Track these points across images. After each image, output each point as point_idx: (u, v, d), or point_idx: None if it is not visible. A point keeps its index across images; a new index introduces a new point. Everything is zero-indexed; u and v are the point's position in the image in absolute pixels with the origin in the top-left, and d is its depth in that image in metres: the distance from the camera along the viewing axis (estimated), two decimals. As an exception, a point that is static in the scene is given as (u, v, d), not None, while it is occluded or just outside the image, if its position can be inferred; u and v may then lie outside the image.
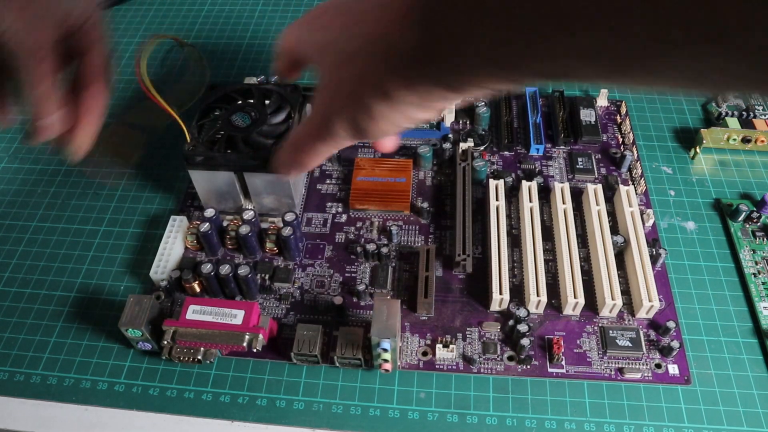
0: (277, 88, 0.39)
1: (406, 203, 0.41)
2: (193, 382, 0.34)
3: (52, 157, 0.47)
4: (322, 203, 0.42)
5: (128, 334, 0.33)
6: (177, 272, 0.37)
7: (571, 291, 0.35)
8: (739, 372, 0.34)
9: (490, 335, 0.35)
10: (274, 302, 0.37)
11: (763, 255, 0.38)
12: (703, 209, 0.41)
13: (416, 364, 0.34)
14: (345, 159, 0.44)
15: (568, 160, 0.44)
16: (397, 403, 0.33)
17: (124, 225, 0.42)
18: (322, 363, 0.34)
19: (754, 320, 0.35)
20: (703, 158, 0.44)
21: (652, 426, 0.32)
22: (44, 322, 0.37)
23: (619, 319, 0.35)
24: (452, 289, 0.37)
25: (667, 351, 0.33)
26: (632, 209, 0.38)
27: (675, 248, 0.39)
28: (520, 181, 0.41)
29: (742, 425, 0.32)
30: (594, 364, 0.34)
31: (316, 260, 0.39)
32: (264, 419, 0.33)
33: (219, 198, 0.39)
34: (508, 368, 0.34)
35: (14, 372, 0.35)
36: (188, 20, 0.59)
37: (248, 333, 0.32)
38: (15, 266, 0.40)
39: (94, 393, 0.34)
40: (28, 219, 0.43)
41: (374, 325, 0.30)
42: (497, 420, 0.32)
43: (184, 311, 0.33)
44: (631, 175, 0.43)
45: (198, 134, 0.37)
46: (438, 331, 0.35)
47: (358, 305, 0.37)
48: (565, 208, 0.39)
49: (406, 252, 0.39)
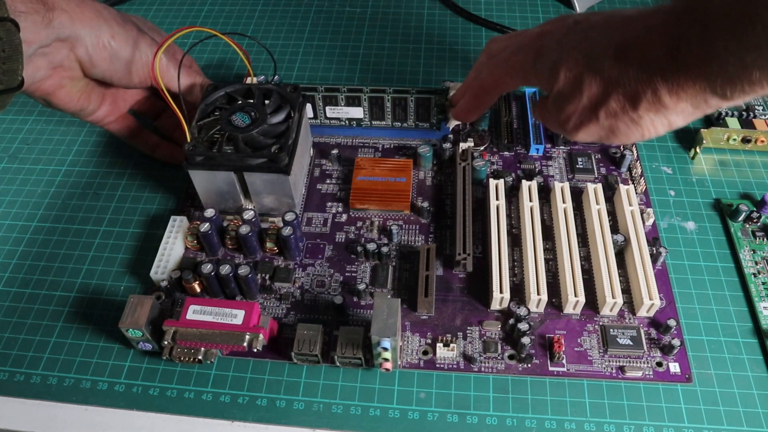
0: (277, 87, 0.39)
1: (406, 203, 0.41)
2: (193, 382, 0.34)
3: (51, 157, 0.47)
4: (323, 203, 0.42)
5: (129, 335, 0.33)
6: (177, 272, 0.37)
7: (572, 290, 0.35)
8: (739, 372, 0.34)
9: (490, 334, 0.35)
10: (275, 302, 0.37)
11: (763, 255, 0.38)
12: (703, 209, 0.41)
13: (417, 363, 0.34)
14: (345, 159, 0.44)
15: (567, 159, 0.44)
16: (397, 403, 0.33)
17: (124, 225, 0.42)
18: (322, 362, 0.34)
19: (754, 320, 0.35)
20: (703, 158, 0.44)
21: (652, 426, 0.32)
22: (44, 322, 0.37)
23: (620, 317, 0.35)
24: (453, 289, 0.37)
25: (668, 349, 0.33)
26: (632, 208, 0.38)
27: (675, 248, 0.39)
28: (520, 181, 0.41)
29: (742, 425, 0.32)
30: (595, 362, 0.34)
31: (317, 260, 0.39)
32: (264, 419, 0.33)
33: (219, 198, 0.39)
34: (508, 367, 0.34)
35: (14, 372, 0.35)
36: (188, 20, 0.59)
37: (249, 333, 0.32)
38: (15, 266, 0.40)
39: (94, 393, 0.34)
40: (29, 219, 0.43)
41: (374, 325, 0.30)
42: (497, 420, 0.32)
43: (185, 311, 0.33)
44: (630, 174, 0.43)
45: (198, 134, 0.37)
46: (438, 330, 0.35)
47: (359, 305, 0.37)
48: (565, 208, 0.39)
49: (407, 251, 0.39)
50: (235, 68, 0.53)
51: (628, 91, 0.27)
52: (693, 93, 0.25)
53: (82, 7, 0.35)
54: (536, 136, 0.44)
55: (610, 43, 0.27)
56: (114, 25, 0.36)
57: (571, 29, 0.29)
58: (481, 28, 0.56)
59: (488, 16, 0.57)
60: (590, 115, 0.29)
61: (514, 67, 0.33)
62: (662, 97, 0.26)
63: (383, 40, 0.55)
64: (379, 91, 0.43)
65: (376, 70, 0.53)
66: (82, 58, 0.36)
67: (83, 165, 0.46)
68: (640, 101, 0.27)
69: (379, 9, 0.59)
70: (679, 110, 0.26)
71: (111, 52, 0.36)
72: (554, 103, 0.31)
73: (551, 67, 0.29)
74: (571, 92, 0.29)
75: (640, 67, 0.26)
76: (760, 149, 0.44)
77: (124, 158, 0.47)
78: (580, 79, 0.28)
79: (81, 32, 0.35)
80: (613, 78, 0.27)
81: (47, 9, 0.33)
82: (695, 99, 0.25)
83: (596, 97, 0.28)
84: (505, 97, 0.47)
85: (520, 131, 0.46)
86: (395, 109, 0.44)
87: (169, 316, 0.36)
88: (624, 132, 0.28)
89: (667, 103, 0.26)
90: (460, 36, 0.56)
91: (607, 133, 0.29)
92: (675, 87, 0.25)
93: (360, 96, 0.43)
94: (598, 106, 0.28)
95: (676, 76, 0.25)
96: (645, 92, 0.26)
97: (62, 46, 0.35)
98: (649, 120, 0.27)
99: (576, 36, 0.28)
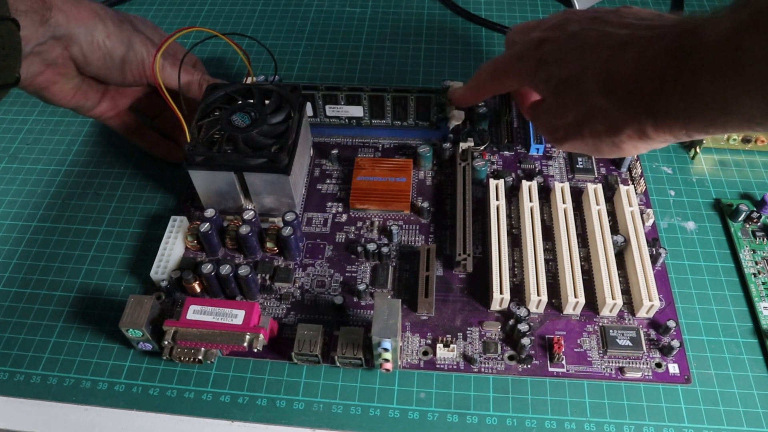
0: (277, 87, 0.39)
1: (406, 203, 0.41)
2: (193, 382, 0.34)
3: (51, 157, 0.47)
4: (322, 203, 0.42)
5: (129, 335, 0.33)
6: (177, 272, 0.37)
7: (572, 290, 0.35)
8: (739, 372, 0.34)
9: (490, 335, 0.35)
10: (275, 302, 0.37)
11: (763, 255, 0.38)
12: (703, 209, 0.41)
13: (417, 363, 0.34)
14: (345, 159, 0.44)
15: (567, 159, 0.44)
16: (397, 403, 0.33)
17: (124, 225, 0.42)
18: (322, 363, 0.34)
19: (754, 320, 0.35)
20: (703, 158, 0.44)
21: (652, 426, 0.32)
22: (44, 322, 0.37)
23: (620, 318, 0.35)
24: (453, 289, 0.37)
25: (668, 350, 0.33)
26: (632, 209, 0.38)
27: (675, 248, 0.39)
28: (520, 181, 0.41)
29: (742, 425, 0.32)
30: (594, 363, 0.34)
31: (317, 260, 0.39)
32: (264, 419, 0.33)
33: (219, 198, 0.39)
34: (508, 368, 0.34)
35: (14, 372, 0.35)
36: (188, 20, 0.59)
37: (249, 333, 0.32)
38: (15, 266, 0.40)
39: (94, 393, 0.34)
40: (29, 219, 0.43)
41: (375, 325, 0.30)
42: (497, 420, 0.32)
43: (185, 311, 0.33)
44: (630, 174, 0.43)
45: (198, 134, 0.37)
46: (439, 330, 0.35)
47: (359, 305, 0.37)
48: (565, 208, 0.39)
49: (407, 251, 0.39)
50: (235, 68, 0.53)
51: (612, 122, 0.28)
52: (677, 129, 0.26)
53: (78, 7, 0.35)
54: (536, 135, 0.44)
55: (601, 70, 0.27)
56: (109, 25, 0.36)
57: (570, 39, 0.30)
58: (481, 28, 0.56)
59: (488, 16, 0.57)
60: (576, 131, 0.30)
61: (517, 74, 0.34)
62: (646, 130, 0.27)
63: (383, 40, 0.55)
64: (379, 90, 0.43)
65: (376, 70, 0.52)
66: (77, 56, 0.36)
67: (83, 165, 0.46)
68: (622, 131, 0.28)
69: (379, 9, 0.59)
70: (661, 141, 0.27)
71: (105, 51, 0.36)
72: (545, 113, 0.32)
73: (546, 81, 0.30)
74: (561, 108, 0.30)
75: (626, 103, 0.26)
76: (760, 149, 0.44)
77: (124, 158, 0.47)
78: (570, 98, 0.29)
79: (76, 31, 0.35)
80: (598, 106, 0.28)
81: (45, 8, 0.33)
82: (678, 134, 0.26)
83: (582, 118, 0.29)
84: (504, 97, 0.47)
85: (520, 131, 0.46)
86: (395, 108, 0.44)
87: (169, 316, 0.36)
88: (607, 152, 0.30)
89: (651, 135, 0.27)
90: (460, 36, 0.56)
91: (591, 149, 0.30)
92: (660, 124, 0.26)
93: (360, 95, 0.43)
94: (583, 126, 0.29)
95: (662, 115, 0.26)
96: (629, 125, 0.27)
97: (57, 44, 0.35)
98: (631, 145, 0.28)
99: (572, 53, 0.29)
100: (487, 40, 0.55)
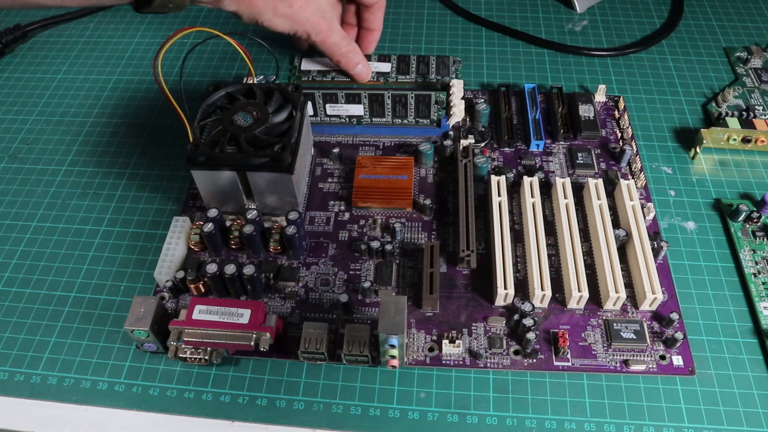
0: (279, 87, 0.39)
1: (408, 200, 0.41)
2: (193, 382, 0.34)
3: (51, 157, 0.47)
4: (325, 202, 0.42)
5: (134, 335, 0.33)
6: (181, 273, 0.36)
7: (575, 285, 0.35)
8: (739, 372, 0.34)
9: (495, 330, 0.35)
10: (279, 301, 0.37)
11: (763, 255, 0.38)
12: (703, 209, 0.41)
13: (423, 359, 0.34)
14: (346, 157, 0.44)
15: (568, 155, 0.44)
16: (397, 403, 0.33)
17: (124, 225, 0.42)
18: (328, 361, 0.34)
19: (754, 320, 0.36)
20: (703, 158, 0.45)
21: (652, 426, 0.32)
22: (44, 322, 0.37)
23: (623, 311, 0.35)
24: (457, 285, 0.37)
25: (671, 342, 0.33)
26: (633, 203, 0.38)
27: (675, 248, 0.39)
28: (521, 177, 0.41)
29: (742, 425, 0.32)
30: (599, 356, 0.34)
31: (320, 258, 0.39)
32: (264, 419, 0.33)
33: (222, 198, 0.39)
34: (514, 362, 0.34)
35: (14, 372, 0.35)
36: (188, 20, 0.59)
37: (255, 332, 0.32)
38: (15, 266, 0.40)
39: (94, 393, 0.34)
40: (28, 219, 0.43)
41: (382, 322, 0.30)
42: (497, 420, 0.32)
43: (190, 311, 0.33)
44: (630, 169, 0.43)
45: (200, 134, 0.37)
46: (444, 326, 0.35)
47: (364, 302, 0.37)
48: (566, 203, 0.39)
49: (410, 249, 0.39)
50: (236, 68, 0.53)
51: None
52: None
53: None
54: (536, 131, 0.44)
55: None
56: None
57: None
58: (481, 28, 0.57)
59: (488, 16, 0.58)
60: None
61: None
62: None
63: (384, 40, 0.55)
64: (379, 89, 0.43)
65: (376, 70, 0.52)
66: None
67: (83, 165, 0.46)
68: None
69: (379, 10, 0.59)
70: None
71: None
72: None
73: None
74: None
75: None
76: (760, 149, 0.44)
77: (124, 158, 0.46)
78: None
79: None
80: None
81: None
82: None
83: None
84: (504, 94, 0.48)
85: (519, 127, 0.46)
86: (395, 106, 0.44)
87: (173, 316, 0.35)
88: None
89: None
90: (460, 36, 0.56)
91: None
92: None
93: (360, 93, 0.43)
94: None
95: None
96: None
97: None
98: None
99: None
100: (487, 40, 0.56)
